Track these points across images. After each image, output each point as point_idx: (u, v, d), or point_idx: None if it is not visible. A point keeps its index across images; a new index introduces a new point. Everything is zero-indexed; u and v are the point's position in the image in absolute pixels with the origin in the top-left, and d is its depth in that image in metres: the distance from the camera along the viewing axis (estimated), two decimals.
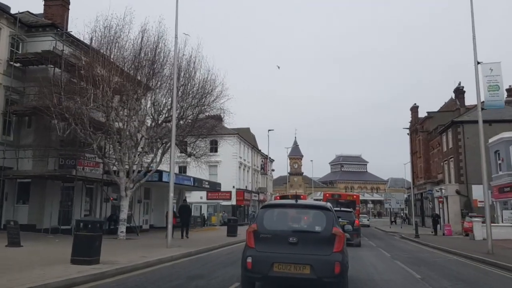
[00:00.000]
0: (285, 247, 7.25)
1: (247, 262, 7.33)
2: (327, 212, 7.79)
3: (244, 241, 8.13)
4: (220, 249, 19.08)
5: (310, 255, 7.14)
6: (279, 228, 7.67)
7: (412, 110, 62.81)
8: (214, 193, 49.01)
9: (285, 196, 38.69)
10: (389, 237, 32.91)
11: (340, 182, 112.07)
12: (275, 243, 7.37)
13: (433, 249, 21.77)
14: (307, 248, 7.22)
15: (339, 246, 7.27)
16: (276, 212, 8.22)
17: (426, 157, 53.18)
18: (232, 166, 49.39)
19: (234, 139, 50.19)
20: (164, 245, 16.72)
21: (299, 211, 8.18)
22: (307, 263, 7.09)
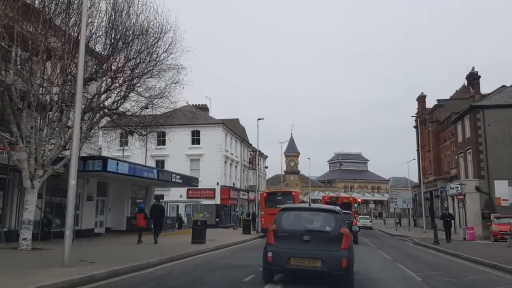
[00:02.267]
0: (300, 244, 8.61)
1: (268, 256, 8.79)
2: (336, 214, 9.25)
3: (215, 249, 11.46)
4: (167, 264, 12.96)
5: (321, 251, 8.51)
6: (295, 228, 9.03)
7: (419, 100, 56.73)
8: (196, 191, 42.95)
9: (273, 193, 32.77)
10: (400, 243, 26.82)
11: (339, 181, 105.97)
12: (291, 241, 8.74)
13: (470, 262, 15.68)
14: (319, 245, 8.60)
15: (346, 243, 8.60)
16: (292, 214, 9.68)
17: (437, 150, 47.16)
18: (217, 160, 43.26)
19: (219, 130, 44.09)
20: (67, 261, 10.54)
21: (312, 214, 9.73)
22: (318, 258, 8.45)
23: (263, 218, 29.21)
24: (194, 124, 44.59)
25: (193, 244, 19.21)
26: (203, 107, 50.77)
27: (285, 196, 29.84)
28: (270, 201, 29.93)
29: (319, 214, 9.60)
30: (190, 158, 43.88)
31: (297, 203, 29.14)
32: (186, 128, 44.38)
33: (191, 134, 44.43)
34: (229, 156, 46.61)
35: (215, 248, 18.82)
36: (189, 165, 43.71)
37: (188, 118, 45.34)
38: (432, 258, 17.58)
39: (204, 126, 44.24)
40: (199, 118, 45.31)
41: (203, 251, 17.05)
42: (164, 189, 42.67)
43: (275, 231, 9.01)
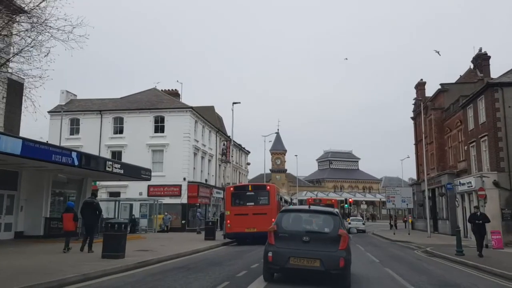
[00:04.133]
0: (299, 244, 9.02)
1: (268, 256, 9.24)
2: (335, 216, 9.68)
3: (131, 269, 10.54)
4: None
5: (319, 251, 8.91)
6: (294, 229, 9.53)
7: (418, 87, 50.64)
8: (158, 187, 36.22)
9: (242, 187, 26.09)
10: (409, 254, 20.29)
11: (328, 180, 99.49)
12: (291, 241, 9.16)
13: None
14: (317, 245, 9.01)
15: (343, 244, 9.02)
16: (292, 215, 10.29)
17: (440, 142, 40.97)
18: (184, 151, 36.49)
19: (186, 116, 37.31)
20: None
21: (311, 215, 10.15)
22: (317, 258, 8.87)
23: (229, 219, 22.57)
24: (158, 109, 37.87)
25: (103, 260, 12.49)
26: (173, 92, 43.98)
27: (258, 192, 23.26)
28: (238, 198, 23.34)
29: (318, 216, 10.02)
30: (152, 148, 37.07)
31: (273, 199, 22.55)
32: (148, 113, 37.67)
33: (154, 120, 37.63)
34: (200, 147, 39.84)
35: (132, 266, 12.10)
36: (150, 157, 36.94)
37: (151, 102, 38.70)
38: (479, 282, 11.06)
39: (169, 111, 37.47)
40: (164, 103, 38.65)
41: (92, 275, 10.14)
42: (121, 185, 35.96)
43: (275, 232, 9.48)
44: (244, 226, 22.07)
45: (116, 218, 28.63)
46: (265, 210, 22.22)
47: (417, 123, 51.68)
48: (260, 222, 21.93)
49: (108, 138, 37.58)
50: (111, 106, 38.71)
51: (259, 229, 21.70)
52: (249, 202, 22.84)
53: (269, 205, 22.43)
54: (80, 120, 38.30)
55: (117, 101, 39.86)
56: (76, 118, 38.44)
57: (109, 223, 13.07)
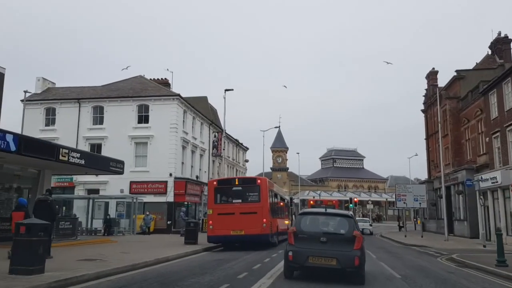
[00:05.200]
0: (317, 244, 9.61)
1: (288, 255, 9.81)
2: (350, 219, 10.34)
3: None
4: None
5: (336, 251, 9.49)
6: (312, 230, 10.11)
7: (430, 76, 46.63)
8: (141, 184, 32.50)
9: (227, 181, 22.08)
10: (434, 264, 16.33)
11: (332, 179, 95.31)
12: (309, 241, 9.77)
13: None
14: (334, 245, 9.59)
15: (358, 244, 9.60)
16: (310, 218, 10.80)
17: (456, 134, 36.98)
18: (170, 143, 32.68)
19: (173, 104, 33.49)
20: None
21: (328, 218, 10.75)
22: (334, 257, 9.45)
23: (211, 220, 18.70)
24: (141, 96, 34.07)
25: (8, 277, 8.69)
26: (163, 82, 40.13)
27: (247, 186, 19.40)
28: (222, 194, 19.55)
29: (334, 218, 10.72)
30: (135, 140, 33.28)
31: (264, 196, 18.72)
32: (131, 101, 33.88)
33: (137, 109, 33.84)
34: (190, 140, 36.00)
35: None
36: (133, 150, 33.18)
37: (135, 90, 34.94)
38: None
39: (154, 100, 33.66)
40: (149, 90, 34.86)
41: None
42: (100, 181, 32.23)
43: (295, 233, 10.01)
44: (230, 227, 18.27)
45: (72, 216, 24.81)
46: (254, 209, 18.41)
47: (428, 116, 47.70)
48: (248, 223, 18.14)
49: (86, 130, 33.82)
50: (91, 94, 34.96)
51: (248, 231, 17.89)
52: (235, 199, 19.00)
53: (259, 202, 18.61)
54: (56, 110, 34.57)
55: (98, 89, 36.11)
56: (52, 107, 34.72)
57: (20, 224, 9.23)
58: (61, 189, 33.32)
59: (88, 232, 26.99)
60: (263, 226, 18.14)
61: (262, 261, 14.11)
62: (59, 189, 33.35)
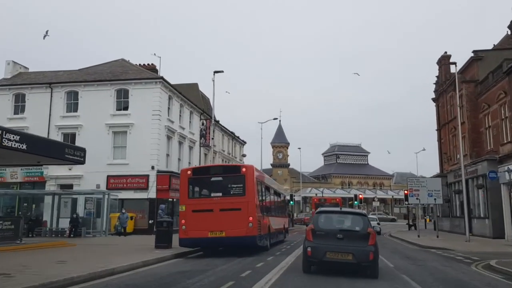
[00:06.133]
0: (334, 241, 10.25)
1: (307, 251, 10.45)
2: (364, 217, 11.10)
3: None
4: None
5: (352, 247, 10.13)
6: (329, 228, 10.77)
7: (442, 61, 42.61)
8: (120, 179, 28.88)
9: (204, 170, 17.73)
10: (464, 272, 12.55)
11: (335, 176, 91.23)
12: (327, 238, 10.40)
13: None
14: (350, 241, 10.22)
15: (372, 240, 10.30)
16: (327, 216, 11.37)
17: (474, 122, 33.01)
18: (152, 132, 28.93)
19: (156, 89, 29.73)
20: None
21: (344, 216, 11.49)
22: (350, 252, 10.07)
23: (184, 218, 14.88)
24: (120, 80, 30.34)
25: None
26: (149, 67, 36.31)
27: (229, 176, 15.55)
28: (199, 186, 15.85)
29: (349, 216, 11.37)
30: (113, 129, 29.56)
31: (250, 188, 14.90)
32: (109, 86, 30.17)
33: (116, 95, 30.09)
34: (176, 129, 32.23)
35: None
36: (111, 140, 29.50)
37: (114, 73, 31.20)
38: None
39: (134, 84, 29.91)
40: (130, 74, 31.13)
41: None
42: (74, 176, 28.62)
43: (313, 230, 10.66)
44: (207, 228, 14.53)
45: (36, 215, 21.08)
46: (238, 204, 14.67)
47: (439, 105, 43.76)
48: (231, 222, 14.43)
49: (59, 118, 30.11)
50: (64, 79, 31.26)
51: (230, 232, 14.17)
52: (214, 192, 15.28)
53: (244, 196, 14.82)
54: (26, 96, 30.87)
55: (73, 73, 32.40)
56: (22, 93, 31.02)
57: None
58: (30, 184, 29.72)
59: (53, 233, 23.32)
60: (249, 226, 14.38)
61: (238, 275, 10.37)
62: (28, 184, 29.77)
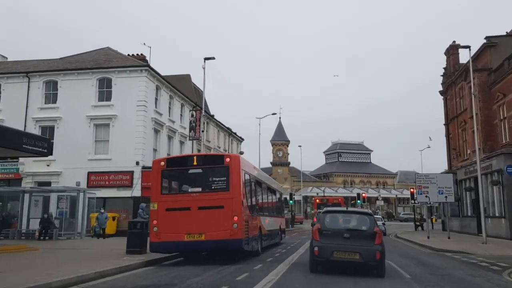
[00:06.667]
0: (341, 240, 10.28)
1: (314, 250, 10.46)
2: (370, 216, 11.14)
3: None
4: None
5: (359, 246, 10.16)
6: (336, 227, 10.83)
7: (450, 51, 40.14)
8: (102, 175, 26.52)
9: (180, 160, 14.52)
10: (500, 284, 10.01)
11: (337, 175, 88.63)
12: (334, 237, 10.41)
13: None
14: (357, 241, 10.26)
15: (379, 240, 10.34)
16: (334, 216, 11.40)
17: (487, 113, 30.57)
18: (137, 125, 26.52)
19: (141, 77, 27.32)
20: None
21: (350, 215, 11.48)
22: (357, 251, 10.11)
23: (156, 218, 12.44)
24: (103, 68, 27.93)
25: None
26: (139, 58, 33.87)
27: (210, 168, 13.06)
28: (174, 179, 13.42)
29: (355, 216, 11.36)
30: (94, 122, 27.15)
31: (235, 182, 12.42)
32: (90, 74, 27.75)
33: (98, 84, 27.67)
34: (165, 123, 29.80)
35: None
36: (92, 133, 27.10)
37: (97, 61, 28.81)
38: None
39: (118, 72, 27.48)
40: (114, 62, 28.73)
41: None
42: (51, 172, 26.28)
43: (319, 230, 10.66)
44: (184, 230, 12.10)
45: None
46: (221, 201, 12.23)
47: (448, 98, 41.25)
48: (212, 223, 12.03)
49: (37, 110, 27.70)
50: (42, 67, 28.84)
51: (211, 235, 11.78)
52: (193, 187, 12.83)
53: (228, 192, 12.37)
54: (1, 86, 28.49)
55: (54, 62, 29.99)
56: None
57: None
58: (5, 182, 27.34)
59: (23, 235, 20.92)
60: (234, 228, 11.93)
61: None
62: (3, 181, 27.39)
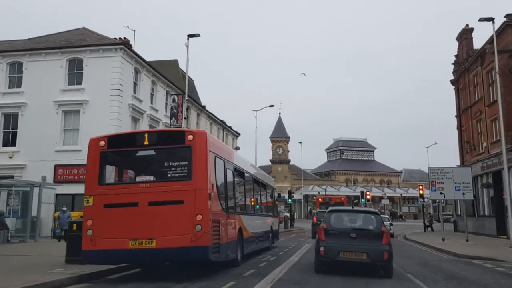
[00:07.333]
0: (347, 240, 9.97)
1: (320, 250, 10.09)
2: (376, 215, 10.89)
3: None
4: None
5: (366, 246, 9.85)
6: (342, 227, 10.57)
7: (463, 36, 36.68)
8: (70, 169, 23.29)
9: (123, 138, 10.49)
10: None
11: (339, 173, 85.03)
12: (340, 237, 10.11)
13: None
14: (364, 241, 9.95)
15: (386, 239, 10.01)
16: (339, 215, 11.16)
17: (508, 100, 27.11)
18: (111, 111, 23.24)
19: (116, 58, 24.04)
20: None
21: (356, 215, 11.26)
22: (364, 251, 9.80)
23: (90, 217, 9.14)
24: (73, 47, 24.66)
25: None
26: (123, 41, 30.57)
27: (165, 150, 9.67)
28: (117, 164, 10.16)
29: (362, 215, 11.17)
30: (63, 108, 23.93)
31: (201, 168, 9.00)
32: (59, 55, 24.49)
33: (68, 66, 24.42)
34: (145, 110, 26.54)
35: None
36: (61, 121, 23.87)
37: (67, 40, 25.60)
38: None
39: (90, 52, 24.23)
40: (86, 41, 25.50)
41: None
42: (14, 166, 23.06)
43: (325, 229, 10.35)
44: (128, 234, 8.80)
45: None
46: (180, 194, 8.89)
47: (460, 87, 37.80)
48: (166, 224, 8.81)
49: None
50: (7, 47, 25.60)
51: (164, 241, 8.54)
52: (142, 175, 9.52)
53: (190, 181, 8.99)
54: None
55: (19, 42, 26.73)
56: None
57: None
58: None
59: None
60: (196, 230, 8.60)
61: None
62: None
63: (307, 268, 11.29)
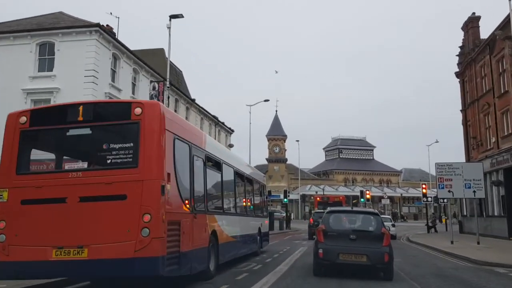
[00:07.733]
0: (347, 242, 9.72)
1: (319, 253, 9.79)
2: (377, 216, 10.64)
3: None
4: None
5: (366, 248, 9.59)
6: (342, 228, 10.32)
7: (469, 25, 34.49)
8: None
9: (51, 111, 8.43)
10: None
11: (337, 172, 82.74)
12: (339, 239, 9.85)
13: None
14: (364, 243, 9.69)
15: (387, 241, 9.77)
16: (339, 216, 10.87)
17: None
18: None
19: (91, 41, 21.73)
20: None
21: (355, 216, 10.95)
22: (364, 254, 9.53)
23: (3, 217, 6.92)
24: (43, 30, 22.36)
25: None
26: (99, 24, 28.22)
27: (104, 127, 7.45)
28: (41, 146, 7.96)
29: (361, 216, 10.91)
30: (32, 97, 21.62)
31: (152, 144, 6.72)
32: (29, 38, 22.16)
33: (38, 50, 22.12)
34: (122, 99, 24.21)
35: None
36: None
37: (39, 24, 23.31)
38: None
39: (62, 35, 21.90)
40: (60, 24, 23.19)
41: None
42: None
43: (324, 231, 10.05)
44: (51, 240, 6.58)
45: None
46: (122, 186, 6.65)
47: (466, 80, 35.60)
48: (103, 228, 6.37)
49: None
50: None
51: (99, 251, 6.15)
52: (72, 162, 7.34)
53: (136, 168, 6.76)
54: None
55: None
56: None
57: None
58: None
59: None
60: (142, 236, 6.36)
61: None
62: None
63: (298, 280, 9.24)
